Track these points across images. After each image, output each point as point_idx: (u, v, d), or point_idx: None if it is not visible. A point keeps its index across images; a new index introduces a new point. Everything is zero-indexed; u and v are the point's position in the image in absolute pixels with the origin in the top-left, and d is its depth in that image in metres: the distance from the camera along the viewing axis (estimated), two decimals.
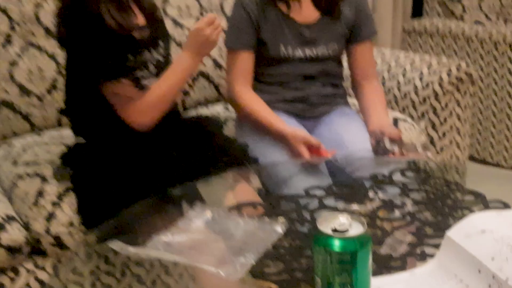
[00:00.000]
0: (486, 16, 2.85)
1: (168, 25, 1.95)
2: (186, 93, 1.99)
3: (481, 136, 2.67)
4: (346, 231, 0.70)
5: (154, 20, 1.43)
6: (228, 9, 2.06)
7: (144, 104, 1.31)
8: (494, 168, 2.65)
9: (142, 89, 1.30)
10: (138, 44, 1.33)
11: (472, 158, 2.72)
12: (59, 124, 1.79)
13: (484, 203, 1.04)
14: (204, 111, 1.98)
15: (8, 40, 1.71)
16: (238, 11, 1.59)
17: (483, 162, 2.69)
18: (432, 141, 1.92)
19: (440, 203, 1.08)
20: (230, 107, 1.94)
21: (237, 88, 1.60)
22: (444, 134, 1.93)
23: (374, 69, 1.73)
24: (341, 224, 0.71)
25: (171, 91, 1.36)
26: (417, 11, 3.08)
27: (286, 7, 1.57)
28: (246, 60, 1.60)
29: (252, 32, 1.57)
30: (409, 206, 1.09)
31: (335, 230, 0.70)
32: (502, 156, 2.61)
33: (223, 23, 1.83)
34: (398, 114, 1.88)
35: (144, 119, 1.33)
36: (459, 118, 1.94)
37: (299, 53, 1.59)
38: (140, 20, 1.37)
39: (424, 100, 1.89)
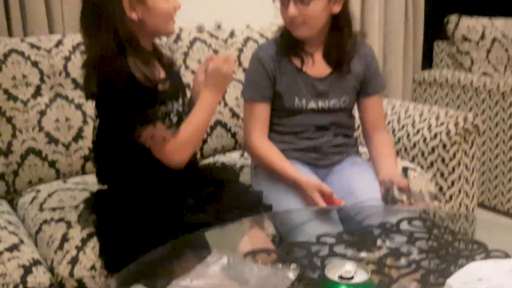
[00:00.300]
0: (494, 67, 2.92)
1: (188, 75, 2.06)
2: (204, 141, 2.07)
3: (491, 184, 2.70)
4: (352, 278, 0.76)
5: (173, 73, 1.53)
6: (245, 61, 2.16)
7: (179, 142, 1.39)
8: (505, 215, 2.68)
9: (174, 131, 1.38)
10: (163, 96, 1.42)
11: (482, 205, 2.75)
12: (83, 170, 1.86)
13: (486, 252, 1.09)
14: (221, 158, 2.03)
15: (38, 91, 1.79)
16: (255, 65, 1.67)
17: (494, 209, 2.72)
18: (441, 190, 1.96)
19: (444, 251, 1.13)
20: (246, 154, 2.01)
21: (253, 137, 1.66)
22: (452, 183, 1.96)
23: (383, 121, 1.80)
24: (347, 271, 0.76)
25: (201, 127, 1.44)
26: (427, 62, 3.15)
27: (300, 62, 1.65)
28: (262, 111, 1.67)
29: (269, 85, 1.65)
30: (415, 254, 1.13)
31: (341, 277, 0.76)
32: None
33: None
34: (407, 163, 1.92)
35: (180, 156, 1.40)
36: (467, 168, 1.98)
37: (312, 105, 1.66)
38: (161, 73, 1.47)
39: (433, 150, 1.94)
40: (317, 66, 1.66)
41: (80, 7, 1.36)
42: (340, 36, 1.64)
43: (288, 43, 1.65)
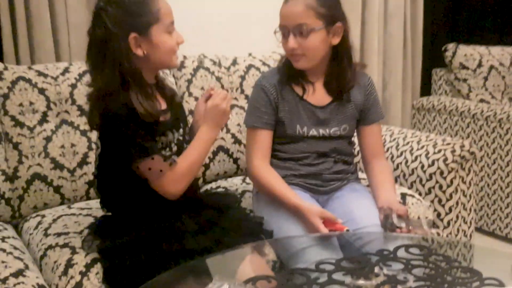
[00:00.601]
0: (491, 95, 2.97)
1: (191, 102, 2.10)
2: (206, 167, 2.11)
3: (490, 209, 2.72)
4: None
5: (174, 104, 1.57)
6: (247, 88, 2.21)
7: (175, 175, 1.42)
8: (503, 240, 2.70)
9: (171, 164, 1.42)
10: (163, 127, 1.46)
11: (481, 230, 2.77)
12: (88, 196, 1.89)
13: (480, 280, 1.12)
14: (223, 183, 2.06)
15: (44, 118, 1.84)
16: (258, 93, 1.71)
17: (492, 234, 2.74)
18: (439, 216, 1.99)
19: (439, 279, 1.15)
20: (248, 180, 2.04)
21: (255, 163, 1.69)
22: (450, 210, 1.99)
23: (382, 148, 1.83)
24: None
25: (198, 161, 1.48)
26: (426, 89, 3.20)
27: (301, 91, 1.70)
28: (265, 138, 1.70)
29: (271, 113, 1.69)
30: (411, 282, 1.16)
31: None
32: (511, 228, 2.65)
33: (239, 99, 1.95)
34: (406, 190, 1.95)
35: (176, 188, 1.44)
36: (464, 194, 2.01)
37: (313, 132, 1.70)
38: (163, 104, 1.51)
39: (431, 176, 1.97)
40: (318, 94, 1.71)
41: (87, 40, 1.41)
42: (340, 67, 1.69)
43: (290, 72, 1.70)
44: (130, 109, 1.35)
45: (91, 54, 1.40)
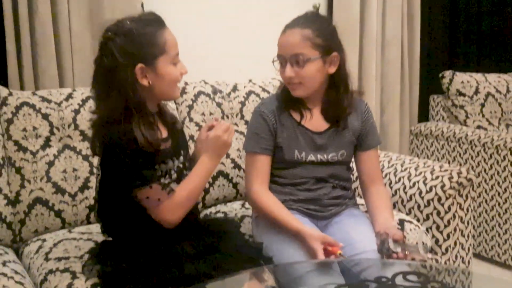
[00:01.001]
0: (488, 121, 3.00)
1: (192, 127, 2.13)
2: (206, 191, 2.12)
3: (488, 235, 2.73)
4: None
5: (175, 131, 1.59)
6: (246, 114, 2.23)
7: (173, 204, 1.44)
8: (501, 267, 2.70)
9: (169, 192, 1.44)
10: (163, 155, 1.48)
11: (479, 256, 2.77)
12: (88, 220, 1.90)
13: None
14: (223, 208, 2.07)
15: (47, 142, 1.86)
16: (257, 119, 1.75)
17: (491, 260, 2.74)
18: (437, 242, 2.00)
19: None
20: (247, 205, 2.05)
21: (255, 189, 1.71)
22: (448, 236, 2.00)
23: (380, 174, 1.85)
24: None
25: (196, 190, 1.50)
26: (424, 115, 3.23)
27: (299, 117, 1.73)
28: (264, 163, 1.73)
29: (270, 138, 1.72)
30: None
31: None
32: (509, 255, 2.65)
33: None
34: (404, 216, 1.96)
35: (173, 217, 1.45)
36: (462, 221, 2.02)
37: (311, 157, 1.72)
38: (164, 132, 1.53)
39: (428, 203, 1.99)
40: (316, 120, 1.74)
41: (93, 68, 1.44)
42: (337, 94, 1.72)
43: (288, 99, 1.73)
44: (131, 138, 1.37)
45: (97, 82, 1.43)
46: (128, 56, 1.38)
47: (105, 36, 1.40)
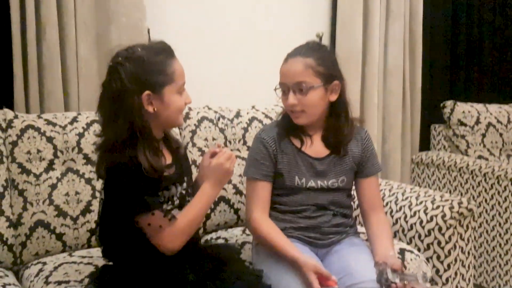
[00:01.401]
0: (489, 151, 3.01)
1: (195, 152, 2.14)
2: (207, 216, 2.11)
3: (489, 266, 2.72)
4: None
5: (179, 156, 1.60)
6: (250, 140, 2.24)
7: (174, 231, 1.44)
8: None
9: (170, 219, 1.44)
10: (167, 181, 1.48)
11: (480, 287, 2.75)
12: (89, 244, 1.90)
13: None
14: (224, 234, 2.07)
15: (50, 165, 1.87)
16: (257, 145, 1.76)
17: None
18: (438, 272, 1.98)
19: None
20: (248, 231, 2.04)
21: (255, 215, 1.71)
22: (449, 266, 1.99)
23: (380, 201, 1.85)
24: None
25: (197, 218, 1.50)
26: (425, 144, 3.25)
27: (300, 143, 1.75)
28: (264, 189, 1.74)
29: (270, 165, 1.73)
30: None
31: None
32: (510, 286, 2.63)
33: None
34: (405, 245, 1.95)
35: (174, 244, 1.45)
36: (462, 251, 2.01)
37: (311, 183, 1.73)
38: (168, 158, 1.54)
39: (429, 232, 1.98)
40: (316, 147, 1.76)
41: (100, 91, 1.45)
42: (337, 122, 1.75)
43: (289, 126, 1.76)
44: (135, 164, 1.38)
45: (103, 106, 1.44)
46: (136, 83, 1.39)
47: (115, 60, 1.42)
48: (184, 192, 1.55)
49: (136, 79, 1.39)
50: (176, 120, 1.51)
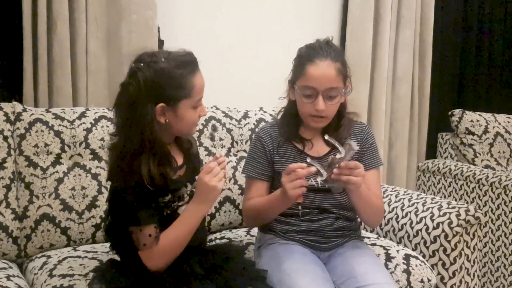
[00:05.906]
0: (496, 161, 2.99)
1: (201, 153, 2.14)
2: (212, 216, 2.11)
3: (493, 276, 2.70)
4: None
5: (191, 156, 1.59)
6: None
7: (155, 253, 1.42)
8: None
9: (156, 238, 1.42)
10: (176, 184, 1.49)
11: None
12: (93, 239, 1.90)
13: None
14: (228, 234, 2.06)
15: (58, 159, 1.88)
16: (255, 144, 1.77)
17: None
18: (442, 280, 1.97)
19: None
20: (252, 232, 2.04)
21: (247, 203, 1.74)
22: (454, 274, 1.97)
23: (380, 194, 1.81)
24: None
25: (179, 239, 1.45)
26: (432, 152, 3.24)
27: (299, 143, 1.74)
28: (260, 188, 1.75)
29: (267, 164, 1.74)
30: None
31: None
32: None
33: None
34: (410, 251, 1.94)
35: (157, 263, 1.43)
36: (468, 259, 2.00)
37: (311, 182, 1.68)
38: (179, 159, 1.53)
39: (435, 239, 1.97)
40: (316, 146, 1.75)
41: (116, 96, 1.44)
42: (338, 119, 1.74)
43: (288, 126, 1.75)
44: (136, 174, 1.38)
45: (120, 106, 1.42)
46: (152, 93, 1.38)
47: (137, 63, 1.40)
48: (194, 189, 1.54)
49: (153, 90, 1.37)
50: (189, 132, 1.51)
